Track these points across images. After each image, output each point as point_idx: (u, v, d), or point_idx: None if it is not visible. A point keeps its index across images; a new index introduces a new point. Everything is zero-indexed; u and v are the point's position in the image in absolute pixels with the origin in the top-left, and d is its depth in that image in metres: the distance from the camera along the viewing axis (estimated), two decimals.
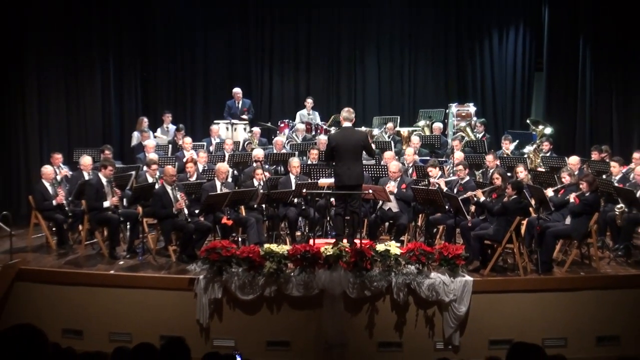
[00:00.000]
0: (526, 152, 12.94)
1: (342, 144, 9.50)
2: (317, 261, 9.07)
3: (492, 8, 15.98)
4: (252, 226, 10.25)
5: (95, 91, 14.26)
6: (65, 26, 13.67)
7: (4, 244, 10.68)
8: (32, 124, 13.41)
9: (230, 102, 14.79)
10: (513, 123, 15.69)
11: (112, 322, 9.30)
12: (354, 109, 10.82)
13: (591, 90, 13.73)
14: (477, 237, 9.60)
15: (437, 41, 16.13)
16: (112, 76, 14.61)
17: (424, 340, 9.17)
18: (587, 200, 9.63)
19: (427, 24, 16.07)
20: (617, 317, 9.26)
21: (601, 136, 13.37)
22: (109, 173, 10.59)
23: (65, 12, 13.58)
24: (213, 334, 9.20)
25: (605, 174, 11.20)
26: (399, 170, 10.78)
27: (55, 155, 11.75)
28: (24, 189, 12.92)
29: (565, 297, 9.31)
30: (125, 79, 15.03)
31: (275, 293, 9.11)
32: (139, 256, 10.26)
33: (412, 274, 9.04)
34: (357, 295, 9.04)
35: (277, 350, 9.15)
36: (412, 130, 14.13)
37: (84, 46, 14.03)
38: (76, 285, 9.52)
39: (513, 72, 16.01)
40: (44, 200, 10.73)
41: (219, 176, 10.70)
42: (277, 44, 16.34)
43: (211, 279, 9.15)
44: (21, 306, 9.55)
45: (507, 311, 9.22)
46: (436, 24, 16.06)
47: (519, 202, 9.48)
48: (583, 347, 8.92)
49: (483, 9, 16.00)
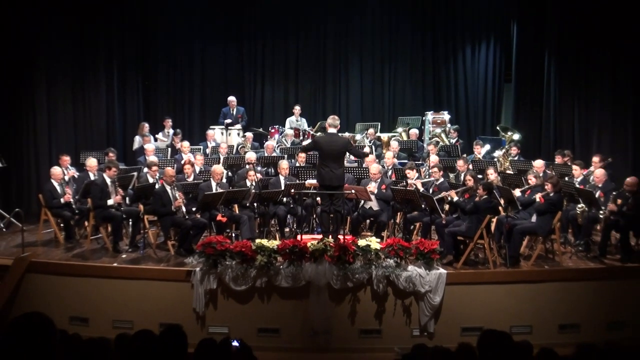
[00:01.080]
0: (496, 156, 12.97)
1: (326, 147, 9.57)
2: (304, 255, 9.07)
3: (465, 24, 16.02)
4: (245, 223, 10.24)
5: (100, 98, 14.22)
6: (74, 38, 13.66)
7: (16, 239, 10.63)
8: (42, 129, 13.41)
9: (225, 109, 14.77)
10: (484, 129, 15.74)
11: (115, 310, 9.26)
12: (339, 116, 10.87)
13: (555, 100, 13.78)
14: (451, 234, 9.63)
15: (414, 54, 16.16)
16: (116, 84, 14.57)
17: (401, 328, 9.18)
18: (551, 200, 9.67)
19: (406, 38, 16.09)
20: (578, 306, 9.31)
21: (564, 142, 13.43)
22: (113, 174, 10.56)
23: (74, 25, 13.57)
24: (208, 322, 9.17)
25: (567, 176, 11.25)
26: (379, 172, 10.78)
27: (63, 157, 11.70)
28: (34, 188, 12.88)
29: (531, 289, 9.33)
30: (128, 87, 14.99)
31: (265, 284, 9.10)
32: (140, 250, 10.21)
33: (391, 267, 9.06)
34: (341, 286, 9.04)
35: (267, 336, 9.13)
36: (391, 135, 14.14)
37: (90, 57, 14.00)
38: (82, 277, 9.47)
39: (484, 83, 16.07)
40: (53, 199, 10.70)
41: (215, 177, 10.68)
42: (268, 56, 16.33)
43: (207, 271, 9.12)
44: (32, 296, 9.49)
45: (477, 301, 9.23)
46: (414, 38, 16.09)
47: (489, 202, 9.51)
48: (546, 334, 8.95)
49: (457, 25, 16.04)
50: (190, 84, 16.18)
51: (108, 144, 13.67)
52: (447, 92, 16.17)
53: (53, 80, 13.55)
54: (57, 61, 13.53)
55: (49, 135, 13.50)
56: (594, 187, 10.48)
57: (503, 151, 13.01)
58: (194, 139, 14.51)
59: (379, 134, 14.20)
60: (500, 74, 16.05)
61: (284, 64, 16.35)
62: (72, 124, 13.86)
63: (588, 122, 13.27)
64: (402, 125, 14.61)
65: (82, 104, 13.98)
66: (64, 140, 13.60)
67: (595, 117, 13.13)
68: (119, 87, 14.65)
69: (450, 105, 15.84)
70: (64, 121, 13.74)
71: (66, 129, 13.76)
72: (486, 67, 16.03)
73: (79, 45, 13.78)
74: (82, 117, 14.01)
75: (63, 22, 13.44)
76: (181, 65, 16.07)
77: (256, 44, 16.23)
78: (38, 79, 13.33)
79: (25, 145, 13.30)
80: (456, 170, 11.82)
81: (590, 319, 9.26)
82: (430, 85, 16.20)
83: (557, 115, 13.79)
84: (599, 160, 11.28)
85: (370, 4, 15.96)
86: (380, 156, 12.64)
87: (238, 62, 16.23)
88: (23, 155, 13.30)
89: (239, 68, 16.26)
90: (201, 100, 16.21)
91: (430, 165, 11.45)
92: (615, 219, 9.82)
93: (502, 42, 15.83)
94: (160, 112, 15.50)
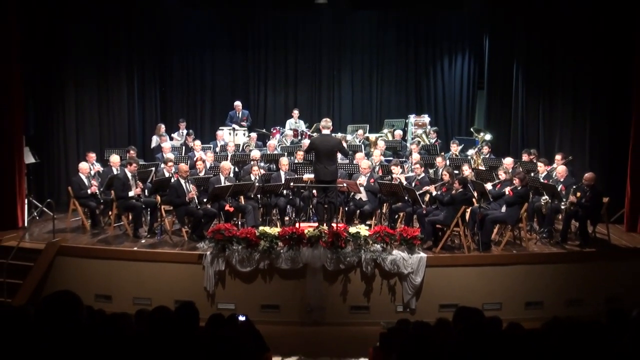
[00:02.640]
0: (470, 154, 12.97)
1: (321, 147, 9.59)
2: (301, 241, 9.11)
3: (443, 39, 15.98)
4: (250, 212, 10.24)
5: (122, 102, 14.16)
6: (99, 49, 13.58)
7: (47, 226, 10.61)
8: (70, 129, 13.36)
9: (232, 112, 14.73)
10: (460, 130, 15.72)
11: (135, 289, 9.28)
12: (331, 118, 10.89)
13: (522, 105, 13.77)
14: (430, 222, 9.64)
15: (398, 65, 16.11)
16: (136, 90, 14.51)
17: (387, 305, 9.22)
18: (518, 193, 9.69)
19: (391, 51, 16.04)
20: (542, 286, 9.36)
21: (530, 141, 13.42)
22: (134, 169, 10.55)
23: (99, 37, 13.51)
24: (217, 299, 9.21)
25: (533, 172, 11.25)
26: (368, 168, 10.79)
27: (89, 154, 11.65)
28: (64, 181, 12.83)
29: (500, 271, 9.37)
30: (146, 92, 14.93)
31: (268, 266, 9.13)
32: (157, 236, 10.22)
33: (377, 251, 9.10)
34: (334, 268, 9.08)
35: (269, 312, 9.17)
36: (378, 136, 14.12)
37: (113, 65, 13.93)
38: (106, 259, 9.48)
39: (460, 90, 16.04)
40: (80, 190, 10.68)
41: (223, 172, 10.66)
42: (270, 66, 16.27)
43: (216, 254, 9.15)
44: (61, 276, 9.49)
45: (454, 281, 9.27)
46: (398, 51, 16.03)
47: (464, 194, 9.53)
48: (514, 311, 8.98)
49: (436, 39, 15.99)
50: (202, 90, 16.12)
51: (129, 142, 13.61)
52: (427, 97, 16.13)
53: (80, 87, 13.50)
54: (84, 69, 13.46)
55: (76, 134, 13.45)
56: (556, 181, 10.51)
57: (476, 150, 13.01)
58: (204, 138, 14.44)
59: (367, 135, 14.18)
60: (474, 82, 16.02)
61: (284, 72, 16.30)
62: (97, 125, 13.80)
63: (551, 124, 13.27)
64: (387, 127, 14.60)
65: (106, 107, 13.92)
66: (90, 139, 13.53)
67: (557, 120, 13.13)
68: (138, 92, 14.59)
69: (430, 109, 15.80)
70: (90, 122, 13.68)
71: (92, 129, 13.70)
72: (461, 76, 16.00)
73: (104, 55, 13.73)
74: (106, 118, 13.95)
75: (90, 34, 13.37)
76: (193, 73, 16.01)
77: (259, 55, 16.16)
78: (67, 85, 13.28)
79: (55, 144, 13.25)
80: (435, 166, 11.84)
81: (553, 297, 9.31)
82: (412, 92, 16.16)
83: (524, 118, 13.79)
84: (560, 158, 11.29)
85: (360, 22, 15.93)
86: (368, 154, 12.63)
87: (244, 71, 16.17)
88: (54, 152, 13.25)
89: (245, 76, 16.20)
90: (211, 105, 16.15)
91: (413, 162, 11.45)
92: (575, 210, 9.86)
93: (475, 54, 15.80)
94: (175, 114, 15.43)
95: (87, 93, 13.63)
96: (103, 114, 13.93)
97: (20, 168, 10.92)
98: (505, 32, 14.37)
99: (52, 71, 13.04)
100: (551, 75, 13.21)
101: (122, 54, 14.10)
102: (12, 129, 10.71)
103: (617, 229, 10.74)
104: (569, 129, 12.92)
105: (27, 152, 11.62)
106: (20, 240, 9.70)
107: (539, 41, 13.34)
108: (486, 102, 15.19)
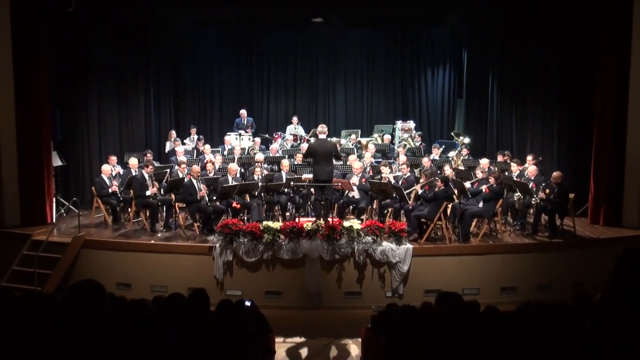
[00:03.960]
0: (450, 156, 12.97)
1: (318, 150, 9.58)
2: (301, 234, 9.11)
3: (426, 52, 15.94)
4: (254, 209, 10.23)
5: (139, 111, 14.16)
6: (119, 64, 13.61)
7: (73, 222, 10.59)
8: (93, 135, 13.38)
9: (238, 119, 14.71)
10: (442, 134, 15.68)
11: (152, 277, 9.27)
12: (327, 124, 10.89)
13: (497, 111, 13.79)
14: (416, 217, 9.65)
15: (387, 75, 16.06)
16: (152, 100, 14.50)
17: (377, 290, 9.22)
18: (494, 190, 9.71)
19: (380, 63, 16.00)
20: (515, 273, 9.37)
21: (504, 144, 13.44)
22: (150, 170, 10.56)
23: (120, 53, 13.52)
24: (226, 286, 9.20)
25: (507, 171, 11.27)
26: (360, 168, 10.80)
27: (110, 157, 11.66)
28: (87, 181, 12.83)
29: (478, 259, 9.38)
30: (161, 101, 14.91)
31: (271, 257, 9.12)
32: (172, 230, 10.22)
33: (369, 242, 9.10)
34: (330, 258, 9.07)
35: (272, 297, 9.16)
36: (369, 140, 14.09)
37: (132, 78, 13.94)
38: (126, 251, 9.47)
39: (442, 98, 16.01)
40: (103, 190, 10.68)
41: (230, 173, 10.66)
42: (272, 77, 16.23)
43: (225, 246, 9.14)
44: (86, 267, 9.47)
45: (437, 269, 9.28)
46: (386, 63, 15.99)
47: (446, 192, 9.54)
48: (490, 295, 8.98)
49: (420, 53, 15.95)
50: (211, 100, 16.08)
51: (146, 146, 13.61)
52: (413, 105, 16.11)
53: (103, 97, 13.51)
54: (106, 82, 13.50)
55: (99, 139, 13.46)
56: (528, 179, 10.52)
57: (456, 152, 13.01)
58: (214, 143, 14.41)
59: (359, 139, 14.15)
60: (454, 91, 16.00)
61: (284, 83, 16.27)
62: (118, 131, 13.81)
63: (523, 128, 13.31)
64: (377, 132, 14.58)
65: (125, 115, 13.93)
66: (111, 143, 13.54)
67: (528, 125, 13.17)
68: (154, 102, 14.58)
69: (415, 115, 15.78)
70: (111, 129, 13.69)
71: (113, 135, 13.70)
72: (443, 85, 15.98)
73: (124, 69, 13.76)
74: (125, 125, 13.96)
75: (111, 51, 13.39)
76: (203, 85, 15.97)
77: (262, 68, 16.13)
78: (91, 96, 13.31)
79: (80, 148, 13.26)
80: (421, 166, 11.81)
81: (525, 283, 9.33)
82: (399, 100, 16.13)
83: (498, 123, 13.81)
84: (531, 158, 11.31)
85: (352, 38, 15.90)
86: (360, 156, 12.62)
87: (248, 82, 16.14)
88: (79, 156, 13.26)
89: (249, 87, 16.16)
90: (219, 112, 16.10)
91: (400, 163, 11.45)
92: (544, 205, 9.88)
93: (455, 66, 15.79)
94: (187, 121, 15.41)
95: (109, 103, 13.66)
96: (123, 121, 13.95)
97: (49, 170, 10.91)
98: (482, 46, 14.40)
99: (77, 84, 13.08)
100: (522, 85, 13.27)
101: (139, 68, 14.13)
102: (42, 136, 10.70)
103: (582, 221, 10.75)
104: (539, 132, 12.97)
105: (55, 155, 11.60)
106: (49, 235, 9.71)
107: (511, 54, 13.39)
108: (465, 109, 15.21)
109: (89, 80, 13.26)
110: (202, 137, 14.06)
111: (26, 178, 10.52)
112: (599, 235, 10.06)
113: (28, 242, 9.63)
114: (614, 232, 10.18)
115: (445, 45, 15.86)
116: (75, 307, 2.60)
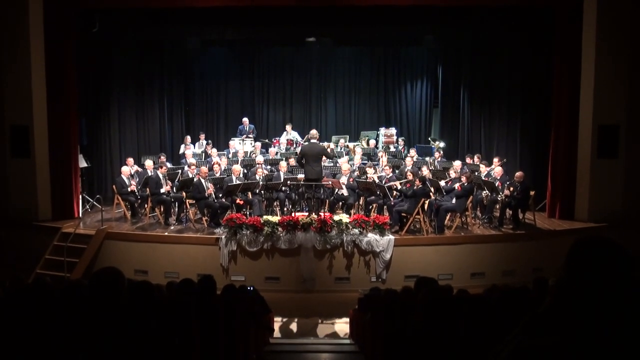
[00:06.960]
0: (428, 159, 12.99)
1: (309, 153, 9.58)
2: (296, 226, 9.10)
3: (406, 68, 15.92)
4: (256, 204, 10.22)
5: (155, 119, 14.12)
6: (137, 77, 13.61)
7: (97, 216, 10.53)
8: (114, 140, 13.34)
9: (241, 126, 14.66)
10: (420, 139, 15.70)
11: (166, 265, 9.25)
12: (319, 130, 10.92)
13: (468, 119, 13.84)
14: (397, 211, 9.67)
15: (372, 88, 16.04)
16: (166, 109, 14.45)
17: (363, 276, 9.24)
18: (465, 188, 9.74)
19: (366, 77, 15.98)
20: (483, 261, 9.41)
21: (474, 148, 13.48)
22: (164, 171, 10.52)
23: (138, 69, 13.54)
24: (231, 273, 9.18)
25: (476, 171, 11.30)
26: (348, 169, 10.80)
27: (129, 160, 11.61)
28: (109, 181, 12.75)
29: (452, 248, 9.41)
30: (174, 111, 14.86)
31: (270, 247, 9.12)
32: (183, 224, 10.20)
33: (356, 234, 9.11)
34: (322, 248, 9.09)
35: (271, 282, 9.16)
36: (356, 144, 14.09)
37: (148, 91, 13.90)
38: (143, 242, 9.45)
39: (419, 108, 16.00)
40: (122, 188, 10.60)
41: (234, 173, 10.64)
42: (271, 89, 16.18)
43: (229, 238, 9.13)
44: (108, 255, 9.45)
45: (415, 257, 9.30)
46: (371, 77, 15.96)
47: (424, 189, 9.56)
48: (462, 279, 9.03)
49: (401, 68, 15.94)
50: (217, 109, 16.02)
51: (160, 150, 13.53)
52: (394, 114, 16.10)
53: (123, 107, 13.48)
54: (125, 94, 13.47)
55: (119, 144, 13.42)
56: (494, 179, 10.56)
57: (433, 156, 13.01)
58: (220, 147, 14.34)
59: (347, 143, 14.16)
60: (430, 102, 16.00)
61: (282, 95, 16.24)
62: (135, 136, 13.78)
63: (491, 134, 13.37)
64: (363, 137, 14.60)
65: (142, 123, 13.90)
66: (130, 147, 13.50)
67: (495, 131, 13.23)
68: (167, 111, 14.53)
69: (397, 123, 15.77)
70: (130, 134, 13.65)
71: (131, 140, 13.67)
72: (420, 97, 15.98)
73: (141, 82, 13.75)
74: (142, 131, 13.92)
75: (130, 66, 13.38)
76: (211, 96, 15.92)
77: (263, 81, 16.08)
78: (112, 106, 13.27)
79: (103, 151, 13.21)
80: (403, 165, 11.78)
81: (492, 269, 9.37)
82: (382, 110, 16.13)
83: (469, 130, 13.86)
84: (497, 160, 11.36)
85: (341, 55, 15.88)
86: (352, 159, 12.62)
87: (250, 94, 16.08)
88: (102, 158, 13.21)
89: (251, 98, 16.11)
90: (225, 120, 16.05)
91: (383, 165, 11.47)
92: (508, 201, 9.92)
93: (431, 80, 15.80)
94: (197, 128, 15.37)
95: (128, 112, 13.63)
96: (140, 128, 13.92)
97: (76, 171, 10.87)
98: (454, 63, 14.46)
99: (101, 95, 13.06)
100: (489, 96, 13.35)
101: (155, 81, 14.10)
102: (70, 141, 10.70)
103: (541, 215, 10.80)
104: (504, 137, 13.05)
105: (81, 158, 11.54)
106: (76, 228, 9.65)
107: (479, 69, 13.49)
108: (440, 117, 15.25)
109: (110, 92, 13.24)
110: (210, 141, 14.01)
111: (56, 178, 10.53)
112: (555, 228, 10.10)
113: (58, 234, 9.61)
114: (567, 225, 10.23)
115: (422, 62, 15.88)
116: (98, 291, 2.60)
